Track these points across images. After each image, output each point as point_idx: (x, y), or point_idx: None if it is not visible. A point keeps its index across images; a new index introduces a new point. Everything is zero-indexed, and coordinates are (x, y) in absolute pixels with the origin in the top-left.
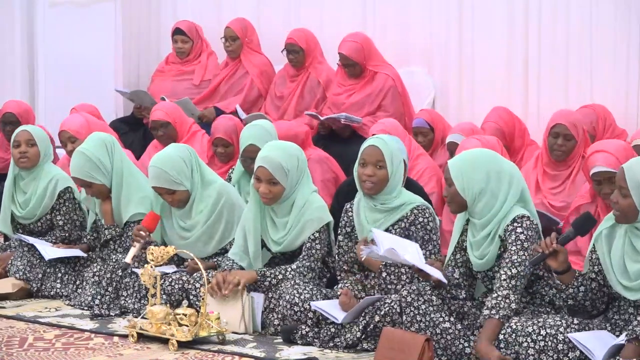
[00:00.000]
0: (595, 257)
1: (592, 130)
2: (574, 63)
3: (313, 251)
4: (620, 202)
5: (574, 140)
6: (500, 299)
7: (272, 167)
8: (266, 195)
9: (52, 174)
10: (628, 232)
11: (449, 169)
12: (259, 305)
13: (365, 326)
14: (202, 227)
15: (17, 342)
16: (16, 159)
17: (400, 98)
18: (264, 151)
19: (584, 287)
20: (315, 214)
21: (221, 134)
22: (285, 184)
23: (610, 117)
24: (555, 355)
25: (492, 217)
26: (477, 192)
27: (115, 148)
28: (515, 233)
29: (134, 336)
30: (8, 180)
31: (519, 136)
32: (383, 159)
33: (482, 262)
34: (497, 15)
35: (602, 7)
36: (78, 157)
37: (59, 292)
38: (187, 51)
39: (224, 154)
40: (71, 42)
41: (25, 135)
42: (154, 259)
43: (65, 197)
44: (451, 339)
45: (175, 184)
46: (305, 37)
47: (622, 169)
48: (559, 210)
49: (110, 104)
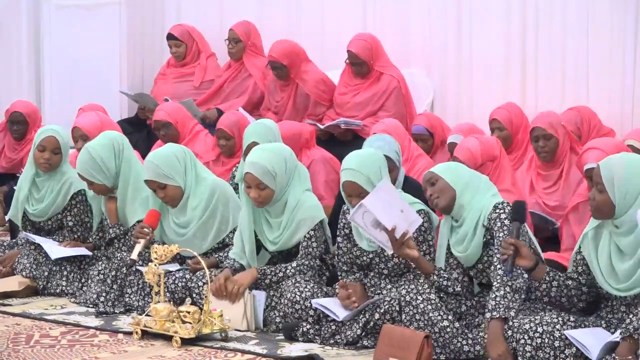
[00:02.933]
0: (579, 258)
1: (577, 131)
2: (570, 65)
3: (310, 249)
4: (596, 197)
5: (555, 138)
6: (499, 299)
7: (259, 172)
8: (256, 200)
9: (67, 175)
10: (611, 232)
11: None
12: (260, 303)
13: (365, 323)
14: (197, 222)
15: (24, 339)
16: (38, 162)
17: (403, 100)
18: (251, 157)
19: (556, 282)
20: (307, 213)
21: (223, 126)
22: (274, 187)
23: (595, 118)
24: (552, 351)
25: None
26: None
27: (124, 150)
28: (500, 220)
29: (138, 333)
30: (25, 177)
31: (524, 131)
32: (364, 190)
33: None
34: (495, 18)
35: (598, 9)
36: (83, 155)
37: (64, 290)
38: (182, 54)
39: (225, 147)
40: (77, 44)
41: (53, 144)
42: (157, 257)
43: (78, 199)
44: (449, 337)
45: (165, 177)
46: (285, 52)
47: (598, 165)
48: (553, 209)
49: (115, 105)
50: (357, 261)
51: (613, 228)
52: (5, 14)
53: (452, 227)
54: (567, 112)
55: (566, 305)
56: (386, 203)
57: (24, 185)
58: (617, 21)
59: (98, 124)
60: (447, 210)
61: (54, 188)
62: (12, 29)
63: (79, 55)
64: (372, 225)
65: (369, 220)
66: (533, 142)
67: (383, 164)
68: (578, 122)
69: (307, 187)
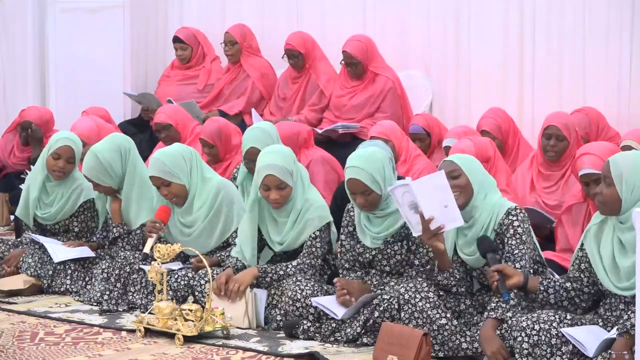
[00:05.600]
0: (581, 255)
1: (586, 135)
2: (567, 67)
3: (313, 249)
4: (604, 191)
5: (567, 141)
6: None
7: (279, 172)
8: (277, 201)
9: (77, 182)
10: (615, 227)
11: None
12: (262, 301)
13: (365, 321)
14: (202, 222)
15: (29, 337)
16: (51, 169)
17: (399, 100)
18: (264, 160)
19: (552, 288)
20: (316, 213)
21: (203, 135)
22: (292, 185)
23: (603, 120)
24: (549, 349)
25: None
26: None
27: (130, 154)
28: (512, 227)
29: (141, 331)
30: (35, 179)
31: (513, 134)
32: (368, 188)
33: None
34: (493, 20)
35: (595, 11)
36: (90, 158)
37: (68, 289)
38: (188, 57)
39: (209, 154)
40: (81, 46)
41: (69, 153)
42: (160, 256)
43: (86, 207)
44: (448, 335)
45: (170, 175)
46: (302, 41)
47: (607, 161)
48: (552, 208)
49: (119, 107)
50: (359, 258)
51: (617, 223)
52: (11, 17)
53: (459, 228)
54: (575, 115)
55: (570, 309)
56: (433, 193)
57: (33, 188)
58: (613, 23)
59: (95, 129)
60: (460, 208)
61: (64, 194)
62: (17, 32)
63: (83, 58)
64: (409, 205)
65: (408, 199)
66: (544, 138)
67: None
68: (586, 125)
69: (311, 187)
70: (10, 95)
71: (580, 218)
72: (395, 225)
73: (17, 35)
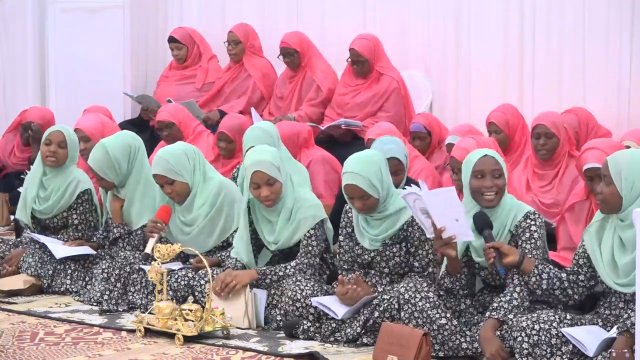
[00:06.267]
0: (582, 251)
1: (576, 135)
2: (567, 67)
3: (310, 248)
4: (604, 190)
5: (556, 138)
6: (503, 303)
7: (266, 167)
8: (268, 198)
9: (74, 175)
10: (615, 225)
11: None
12: (261, 301)
13: (365, 321)
14: (202, 220)
15: (29, 337)
16: (44, 156)
17: (402, 101)
18: (250, 158)
19: (546, 274)
20: (309, 212)
21: (224, 129)
22: (281, 180)
23: (593, 119)
24: (549, 349)
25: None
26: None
27: (138, 154)
28: (529, 231)
29: (141, 331)
30: (33, 174)
31: (521, 132)
32: (365, 193)
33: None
34: (493, 20)
35: (595, 10)
36: (99, 151)
37: (69, 289)
38: (184, 57)
39: (225, 149)
40: (81, 46)
41: (59, 137)
42: (160, 256)
43: (84, 199)
44: (448, 335)
45: (173, 173)
46: (298, 39)
47: (606, 160)
48: (548, 207)
49: (119, 107)
50: (358, 260)
51: (618, 221)
52: (11, 17)
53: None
54: (565, 115)
55: (561, 298)
56: (443, 207)
57: (31, 187)
58: (613, 23)
59: (100, 126)
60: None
61: (60, 186)
62: (17, 32)
63: (83, 58)
64: (421, 210)
65: (419, 205)
66: (534, 139)
67: (384, 166)
68: (575, 125)
69: (303, 186)
70: (10, 95)
71: (582, 216)
72: (393, 227)
73: (17, 35)
